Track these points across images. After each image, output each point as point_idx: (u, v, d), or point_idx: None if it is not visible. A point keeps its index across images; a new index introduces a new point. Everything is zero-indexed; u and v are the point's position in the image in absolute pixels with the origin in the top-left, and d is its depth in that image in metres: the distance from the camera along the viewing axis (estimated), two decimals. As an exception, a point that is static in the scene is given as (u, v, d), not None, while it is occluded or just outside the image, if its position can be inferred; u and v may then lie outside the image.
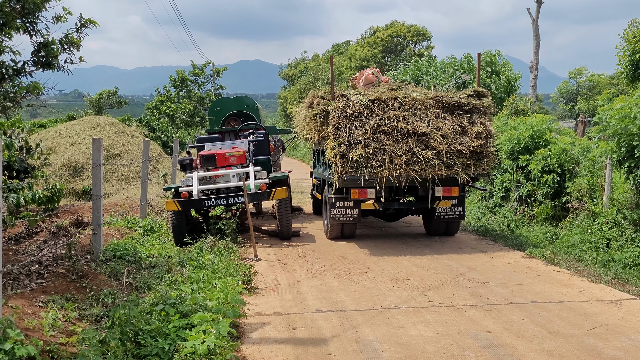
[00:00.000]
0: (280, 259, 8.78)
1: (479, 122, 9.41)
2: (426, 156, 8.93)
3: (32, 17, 6.68)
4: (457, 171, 9.04)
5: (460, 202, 9.91)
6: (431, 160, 8.95)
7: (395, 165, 8.89)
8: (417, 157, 8.95)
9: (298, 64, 62.88)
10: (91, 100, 36.55)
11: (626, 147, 8.08)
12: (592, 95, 39.41)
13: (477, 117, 9.52)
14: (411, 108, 9.39)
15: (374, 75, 11.21)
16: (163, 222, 10.72)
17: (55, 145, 16.06)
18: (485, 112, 9.63)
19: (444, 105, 9.52)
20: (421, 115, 9.33)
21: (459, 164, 9.07)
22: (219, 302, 5.66)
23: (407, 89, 10.18)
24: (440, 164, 8.96)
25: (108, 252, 7.19)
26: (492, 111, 9.89)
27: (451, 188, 9.44)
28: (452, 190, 9.47)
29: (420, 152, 8.96)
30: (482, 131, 9.28)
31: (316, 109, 9.66)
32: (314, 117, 9.71)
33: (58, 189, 6.65)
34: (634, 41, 13.15)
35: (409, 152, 8.97)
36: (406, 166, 8.89)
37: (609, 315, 5.96)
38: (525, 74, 21.78)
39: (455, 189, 9.48)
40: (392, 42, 49.04)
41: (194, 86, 36.33)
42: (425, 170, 8.94)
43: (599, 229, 8.73)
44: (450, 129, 9.24)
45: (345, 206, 9.74)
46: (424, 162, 8.94)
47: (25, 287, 5.47)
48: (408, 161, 8.92)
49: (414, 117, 9.26)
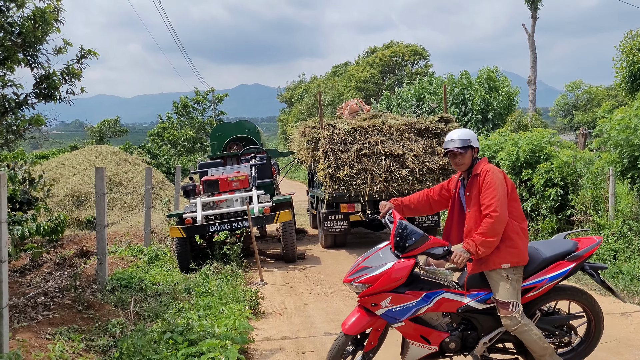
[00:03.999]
0: (286, 282, 8.73)
1: None
2: (402, 174, 10.43)
3: (33, 50, 6.73)
4: (428, 185, 10.29)
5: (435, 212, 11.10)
6: (406, 177, 10.44)
7: (376, 183, 10.37)
8: (394, 175, 10.45)
9: (297, 87, 63.26)
10: (92, 130, 36.78)
11: (628, 158, 8.08)
12: (590, 107, 39.52)
13: (444, 139, 10.20)
14: (388, 133, 10.86)
15: (357, 105, 12.89)
16: (167, 249, 10.70)
17: (58, 176, 16.09)
18: None
19: (415, 130, 10.99)
20: (397, 139, 10.82)
21: (430, 180, 10.52)
22: (227, 329, 5.62)
23: (385, 117, 11.56)
24: (414, 180, 10.45)
25: (114, 282, 7.15)
26: None
27: None
28: None
29: (397, 171, 10.47)
30: None
31: (308, 136, 11.20)
32: (307, 143, 11.22)
33: (62, 220, 6.65)
34: (631, 53, 13.21)
35: (387, 170, 10.47)
36: (385, 183, 10.40)
37: (620, 328, 5.91)
38: (523, 89, 21.89)
39: None
40: (390, 62, 49.38)
41: (195, 113, 36.56)
42: (402, 185, 10.42)
43: (605, 241, 8.69)
44: (422, 150, 10.72)
45: (336, 219, 11.13)
46: (400, 178, 10.44)
47: (31, 320, 5.44)
48: (387, 178, 10.43)
49: (391, 141, 10.76)
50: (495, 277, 4.17)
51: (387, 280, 4.03)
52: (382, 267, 4.08)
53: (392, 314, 4.12)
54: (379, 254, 4.26)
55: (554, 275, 4.31)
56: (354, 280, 4.14)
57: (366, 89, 47.21)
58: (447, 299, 4.21)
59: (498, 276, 4.15)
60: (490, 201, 4.11)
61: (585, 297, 4.55)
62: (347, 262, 10.21)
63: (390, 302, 4.09)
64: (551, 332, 4.50)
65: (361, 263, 4.23)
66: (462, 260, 3.98)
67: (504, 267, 4.14)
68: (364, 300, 4.13)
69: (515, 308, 4.09)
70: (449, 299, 4.21)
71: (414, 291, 4.14)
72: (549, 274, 4.32)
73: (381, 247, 4.32)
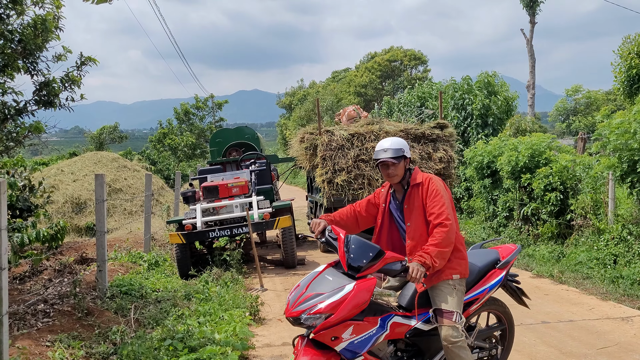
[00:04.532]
0: (286, 288, 8.72)
1: (441, 149, 11.15)
2: None
3: (33, 57, 6.75)
4: None
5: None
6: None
7: (373, 188, 10.46)
8: None
9: (296, 92, 63.39)
10: (92, 136, 36.80)
11: (628, 163, 8.08)
12: (589, 112, 39.55)
13: (440, 144, 11.23)
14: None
15: (355, 111, 12.96)
16: (167, 256, 10.69)
17: (57, 183, 16.11)
18: (447, 140, 11.33)
19: (412, 136, 11.13)
20: None
21: None
22: (227, 335, 5.61)
23: (382, 123, 11.66)
24: None
25: (114, 288, 7.15)
26: (454, 139, 11.55)
27: None
28: None
29: None
30: (444, 156, 11.02)
31: (306, 142, 11.28)
32: (305, 149, 11.30)
33: (62, 227, 6.65)
34: (629, 57, 13.24)
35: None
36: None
37: (620, 333, 5.90)
38: (522, 93, 21.91)
39: None
40: (389, 67, 49.48)
41: (196, 119, 36.63)
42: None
43: (605, 246, 8.69)
44: (418, 155, 10.89)
45: None
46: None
47: (31, 327, 5.43)
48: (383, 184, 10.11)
49: None
50: (444, 288, 3.86)
51: (351, 305, 3.40)
52: (341, 290, 3.45)
53: (353, 348, 3.47)
54: (325, 277, 3.65)
55: (492, 285, 4.18)
56: (305, 312, 3.42)
57: (365, 94, 47.29)
58: (398, 323, 3.73)
59: (447, 287, 3.86)
60: (441, 209, 3.85)
61: (500, 305, 4.50)
62: (347, 267, 10.20)
63: (352, 332, 3.45)
64: (481, 347, 4.34)
65: (305, 291, 3.56)
66: (419, 276, 3.53)
67: (454, 278, 3.88)
68: (322, 335, 3.41)
69: (459, 319, 3.76)
70: (399, 322, 3.74)
71: (369, 317, 3.57)
72: (487, 283, 4.17)
73: (323, 270, 3.74)
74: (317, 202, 12.13)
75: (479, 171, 12.83)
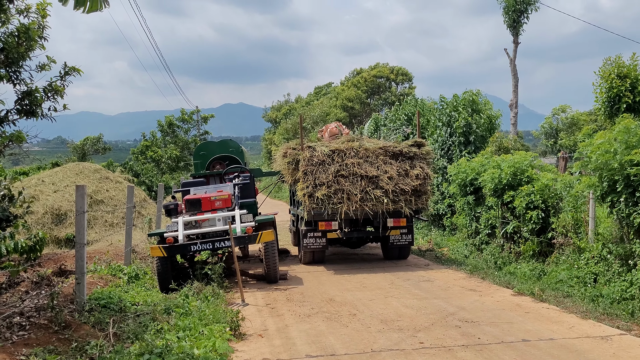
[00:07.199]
0: (268, 303, 8.66)
1: (418, 166, 11.63)
2: (376, 194, 11.05)
3: (16, 66, 6.70)
4: (401, 205, 11.19)
5: (409, 230, 11.84)
6: (380, 197, 11.04)
7: (352, 202, 10.96)
8: (369, 195, 11.06)
9: (281, 107, 63.48)
10: (75, 147, 36.44)
11: (608, 182, 8.17)
12: (572, 131, 39.99)
13: (417, 162, 11.72)
14: (364, 156, 11.56)
15: (337, 128, 13.41)
16: (148, 269, 10.57)
17: (38, 193, 15.89)
18: (424, 158, 11.83)
19: (390, 153, 11.68)
20: (372, 161, 11.49)
21: (402, 200, 11.19)
22: (207, 350, 5.55)
23: (362, 140, 12.19)
24: (387, 200, 11.06)
25: (92, 301, 7.03)
26: (430, 157, 12.08)
27: (400, 219, 11.46)
28: (401, 221, 11.50)
29: (372, 191, 11.08)
30: (420, 173, 11.50)
31: (289, 157, 11.76)
32: (288, 164, 11.77)
33: (41, 238, 6.56)
34: (610, 78, 13.45)
35: (362, 191, 11.07)
36: (361, 202, 11.00)
37: (600, 351, 5.93)
38: (505, 112, 22.11)
39: (403, 220, 11.50)
40: (375, 83, 49.74)
41: (180, 131, 36.45)
42: (376, 205, 11.04)
43: (585, 264, 8.75)
44: (395, 172, 11.36)
45: (315, 236, 11.65)
46: (374, 199, 11.04)
47: (6, 340, 5.32)
48: (362, 198, 11.04)
49: (366, 163, 11.43)
50: None
51: None
52: None
53: None
54: None
55: None
56: None
57: (352, 108, 47.45)
58: None
59: None
60: None
61: None
62: (329, 283, 10.17)
63: None
64: None
65: None
66: None
67: None
68: None
69: None
70: None
71: None
72: None
73: None
74: (298, 215, 12.44)
75: (462, 188, 12.90)
